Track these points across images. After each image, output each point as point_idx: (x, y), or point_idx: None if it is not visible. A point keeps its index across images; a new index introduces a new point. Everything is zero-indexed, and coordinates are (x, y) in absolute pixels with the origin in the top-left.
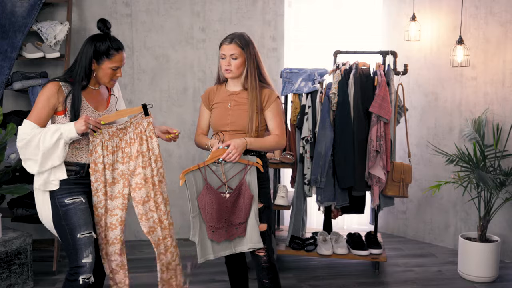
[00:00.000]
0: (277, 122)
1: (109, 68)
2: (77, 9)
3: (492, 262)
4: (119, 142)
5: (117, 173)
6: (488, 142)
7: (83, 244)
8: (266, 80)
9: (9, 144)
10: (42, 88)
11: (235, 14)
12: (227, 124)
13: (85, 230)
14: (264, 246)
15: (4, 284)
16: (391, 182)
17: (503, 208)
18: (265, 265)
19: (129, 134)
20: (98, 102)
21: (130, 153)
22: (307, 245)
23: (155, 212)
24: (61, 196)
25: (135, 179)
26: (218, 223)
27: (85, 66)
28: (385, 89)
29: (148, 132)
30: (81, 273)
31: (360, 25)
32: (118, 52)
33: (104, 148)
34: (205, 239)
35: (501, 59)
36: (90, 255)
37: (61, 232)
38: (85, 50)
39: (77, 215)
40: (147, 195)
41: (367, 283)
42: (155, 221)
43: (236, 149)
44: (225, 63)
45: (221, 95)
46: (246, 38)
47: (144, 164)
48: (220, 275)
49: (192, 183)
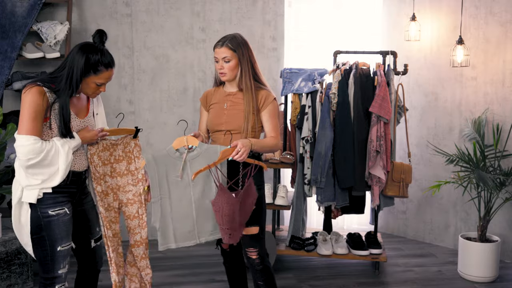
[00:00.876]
0: (273, 124)
1: (93, 82)
2: (77, 9)
3: (492, 262)
4: (109, 157)
5: (107, 186)
6: (488, 142)
7: (62, 256)
8: (262, 80)
9: (9, 144)
10: (26, 92)
11: (235, 14)
12: (221, 124)
13: (66, 242)
14: (256, 249)
15: (4, 284)
16: (391, 182)
17: (503, 208)
18: (258, 267)
19: (118, 151)
20: (79, 108)
21: (119, 169)
22: (307, 245)
23: (143, 229)
24: (45, 206)
25: (127, 195)
26: (232, 224)
27: (77, 77)
28: (385, 89)
29: (135, 153)
30: (57, 283)
31: (360, 25)
32: (107, 69)
33: (99, 158)
34: (166, 227)
35: (501, 59)
36: (67, 266)
37: (39, 242)
38: (76, 60)
39: (60, 227)
40: (137, 211)
41: (367, 283)
42: (142, 237)
43: (245, 148)
44: (218, 67)
45: (218, 96)
46: (238, 40)
47: (133, 182)
48: (220, 275)
49: (154, 166)
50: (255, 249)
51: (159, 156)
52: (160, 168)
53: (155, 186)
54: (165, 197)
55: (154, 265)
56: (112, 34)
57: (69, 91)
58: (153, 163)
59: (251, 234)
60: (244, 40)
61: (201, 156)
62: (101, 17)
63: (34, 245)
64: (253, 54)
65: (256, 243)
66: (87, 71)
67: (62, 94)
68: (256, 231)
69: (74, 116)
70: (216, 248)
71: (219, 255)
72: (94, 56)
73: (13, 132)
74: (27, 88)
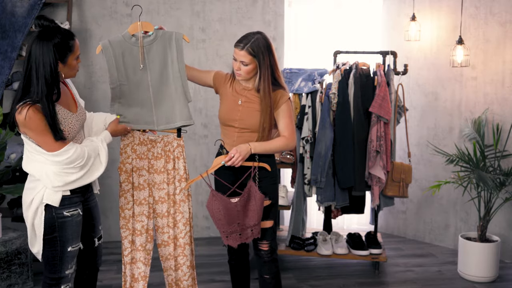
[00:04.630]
0: (286, 123)
1: (73, 60)
2: (77, 9)
3: (492, 262)
4: (147, 152)
5: (143, 180)
6: (488, 142)
7: (71, 257)
8: (280, 82)
9: (9, 144)
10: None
11: (235, 14)
12: (235, 120)
13: (76, 243)
14: (268, 241)
15: (4, 284)
16: (391, 182)
17: (503, 208)
18: (267, 258)
19: (157, 148)
20: (69, 103)
21: (156, 166)
22: (307, 245)
23: (172, 229)
24: (61, 207)
25: (159, 193)
26: (229, 228)
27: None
28: (385, 89)
29: (177, 153)
30: (62, 283)
31: (360, 25)
32: (74, 40)
33: (133, 151)
34: (127, 110)
35: (501, 59)
36: (73, 266)
37: (50, 243)
38: (44, 56)
39: (73, 228)
40: (167, 210)
41: (367, 283)
42: (170, 237)
43: (239, 153)
44: (235, 67)
45: (235, 86)
46: (260, 44)
47: (168, 181)
48: (220, 275)
49: (110, 50)
50: (267, 241)
51: (115, 41)
52: (116, 51)
53: (112, 71)
54: (124, 83)
55: (154, 265)
56: (112, 34)
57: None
58: (110, 48)
59: (264, 227)
60: (267, 43)
61: (157, 42)
62: (101, 17)
63: (45, 245)
64: (275, 57)
65: (269, 236)
66: (63, 55)
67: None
68: (270, 225)
69: (70, 113)
70: (223, 246)
71: (219, 255)
72: (58, 37)
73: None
74: (23, 113)
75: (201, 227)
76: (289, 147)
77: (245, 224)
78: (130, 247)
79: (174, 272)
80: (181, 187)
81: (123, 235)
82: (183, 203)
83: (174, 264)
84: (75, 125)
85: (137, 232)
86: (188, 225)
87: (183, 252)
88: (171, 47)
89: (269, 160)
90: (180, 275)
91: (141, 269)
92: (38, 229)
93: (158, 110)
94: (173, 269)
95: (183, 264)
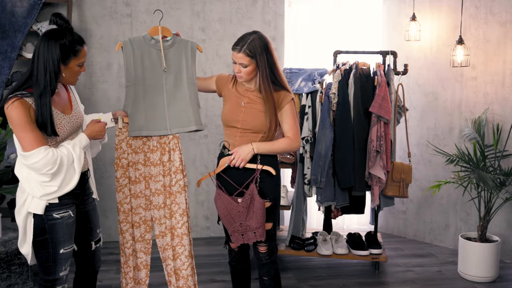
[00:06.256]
0: (290, 124)
1: (76, 65)
2: (77, 9)
3: (492, 262)
4: (143, 146)
5: (139, 174)
6: (488, 142)
7: (64, 259)
8: (282, 82)
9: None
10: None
11: (235, 14)
12: (238, 121)
13: (68, 245)
14: (266, 243)
15: (4, 284)
16: (391, 182)
17: (503, 208)
18: (265, 260)
19: (152, 141)
20: (63, 105)
21: (152, 159)
22: (307, 245)
23: (168, 219)
24: (50, 209)
25: (156, 185)
26: (231, 226)
27: (54, 70)
28: (385, 89)
29: (172, 145)
30: (57, 285)
31: (360, 25)
32: (83, 46)
33: (128, 146)
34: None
35: (501, 59)
36: (68, 268)
37: (42, 245)
38: (49, 52)
39: (64, 230)
40: (163, 202)
41: (367, 283)
42: (167, 227)
43: (239, 154)
44: (236, 70)
45: (238, 88)
46: (257, 44)
47: (164, 173)
48: (220, 275)
49: (130, 49)
50: (265, 244)
51: (135, 41)
52: (135, 51)
53: (130, 69)
54: (139, 83)
55: (153, 265)
56: (112, 34)
57: (50, 88)
58: (130, 46)
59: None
60: (264, 43)
61: (174, 47)
62: (101, 17)
63: (37, 247)
64: (274, 56)
65: (267, 238)
66: (66, 57)
67: (43, 95)
68: (269, 227)
69: (62, 115)
70: (224, 247)
71: (219, 255)
72: (66, 39)
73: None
74: (9, 104)
75: (201, 227)
76: (293, 148)
77: (248, 225)
78: (131, 239)
79: (173, 262)
80: (177, 179)
81: (123, 229)
82: (179, 194)
83: (172, 254)
84: (65, 127)
85: (135, 224)
86: (185, 215)
87: (181, 242)
88: (186, 54)
89: (273, 161)
90: (178, 264)
91: (142, 258)
92: (28, 231)
93: (171, 114)
94: (171, 258)
95: (181, 254)
